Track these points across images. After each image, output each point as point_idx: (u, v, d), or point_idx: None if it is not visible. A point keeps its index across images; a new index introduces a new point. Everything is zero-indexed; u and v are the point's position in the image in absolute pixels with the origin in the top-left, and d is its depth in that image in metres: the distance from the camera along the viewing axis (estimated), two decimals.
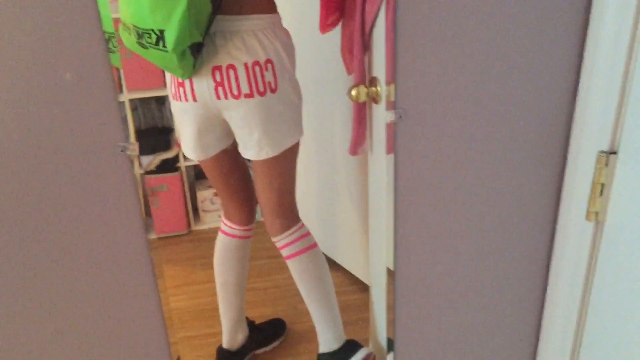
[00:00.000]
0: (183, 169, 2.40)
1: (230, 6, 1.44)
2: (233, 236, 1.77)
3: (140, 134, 2.40)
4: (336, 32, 1.70)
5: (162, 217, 2.44)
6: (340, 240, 2.21)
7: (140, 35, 1.34)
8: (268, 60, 1.44)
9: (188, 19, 1.30)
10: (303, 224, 1.72)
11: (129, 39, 1.39)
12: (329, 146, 2.07)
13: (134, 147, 0.92)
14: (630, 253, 0.93)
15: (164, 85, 2.22)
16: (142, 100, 2.36)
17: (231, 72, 1.44)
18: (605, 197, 0.97)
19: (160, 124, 2.39)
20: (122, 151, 0.93)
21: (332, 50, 1.75)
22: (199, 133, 1.57)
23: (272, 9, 1.50)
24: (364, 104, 1.69)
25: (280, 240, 1.69)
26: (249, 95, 1.45)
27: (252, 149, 1.54)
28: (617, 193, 0.95)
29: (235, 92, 1.45)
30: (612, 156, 0.94)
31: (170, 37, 1.30)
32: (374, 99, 1.52)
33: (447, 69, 0.97)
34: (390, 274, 1.22)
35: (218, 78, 1.45)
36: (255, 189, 1.67)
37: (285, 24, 1.61)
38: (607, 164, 0.94)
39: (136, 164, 0.98)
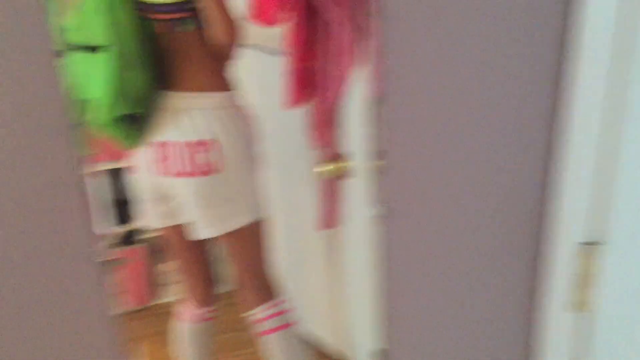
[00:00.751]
0: (144, 241, 2.33)
1: (177, 82, 1.44)
2: (196, 321, 1.71)
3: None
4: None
5: (123, 291, 2.34)
6: (312, 313, 2.16)
7: (81, 107, 1.36)
8: (213, 141, 1.42)
9: (118, 89, 1.32)
10: (283, 300, 1.68)
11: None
12: (297, 221, 2.04)
13: (105, 251, 0.88)
14: (621, 340, 0.93)
15: (119, 157, 2.18)
16: (100, 173, 2.29)
17: (172, 149, 1.42)
18: (593, 286, 0.97)
19: (119, 196, 2.32)
20: (92, 258, 0.88)
21: (297, 125, 1.74)
22: (155, 202, 1.55)
23: (225, 87, 1.49)
24: (333, 179, 1.68)
25: (253, 315, 1.65)
26: (190, 175, 1.43)
27: (197, 228, 1.51)
28: (604, 283, 0.96)
29: (175, 170, 1.44)
30: (596, 247, 0.95)
31: (104, 106, 1.32)
32: (342, 175, 1.52)
33: (434, 164, 0.98)
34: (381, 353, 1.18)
35: (160, 154, 1.43)
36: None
37: (251, 99, 1.60)
38: (591, 255, 0.95)
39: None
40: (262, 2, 1.45)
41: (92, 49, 1.32)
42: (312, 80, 1.66)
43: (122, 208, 2.34)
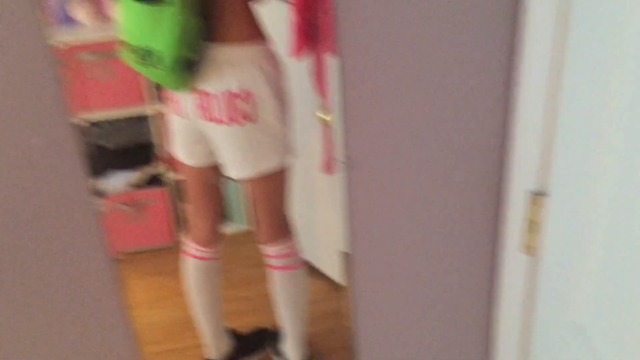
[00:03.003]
0: (170, 183, 2.48)
1: (216, 34, 1.50)
2: (203, 258, 1.82)
3: (126, 150, 2.48)
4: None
5: (150, 230, 2.52)
6: (320, 247, 2.29)
7: (140, 55, 1.45)
8: (247, 93, 1.50)
9: (181, 37, 1.40)
10: (295, 242, 1.79)
11: (131, 58, 1.49)
12: (305, 162, 2.13)
13: (101, 203, 1.00)
14: (565, 282, 1.01)
15: (144, 102, 2.30)
16: (128, 119, 2.44)
17: (211, 98, 1.52)
18: (541, 232, 1.05)
19: (144, 139, 2.47)
20: (90, 207, 1.00)
21: (304, 73, 1.81)
22: (190, 144, 1.67)
23: (259, 39, 1.54)
24: (330, 127, 1.76)
25: (268, 250, 1.77)
26: (226, 123, 1.53)
27: (231, 169, 1.63)
28: (550, 229, 1.03)
29: (214, 117, 1.54)
30: (542, 197, 1.02)
31: (165, 55, 1.41)
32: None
33: (391, 119, 1.05)
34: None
35: (203, 102, 1.53)
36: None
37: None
38: (538, 204, 1.02)
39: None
40: None
41: (159, 1, 1.38)
42: (313, 32, 1.72)
43: (147, 151, 2.49)
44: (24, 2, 0.92)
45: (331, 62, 1.56)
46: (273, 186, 1.68)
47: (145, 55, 1.44)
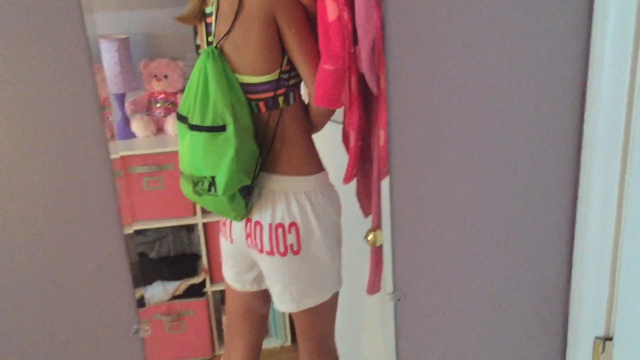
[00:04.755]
0: (209, 294, 2.45)
1: (270, 164, 1.50)
2: None
3: (169, 260, 2.49)
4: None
5: (188, 341, 2.48)
6: None
7: (195, 184, 1.44)
8: (292, 224, 1.47)
9: (236, 164, 1.38)
10: None
11: (187, 188, 1.48)
12: (351, 284, 2.09)
13: (146, 328, 0.99)
14: None
15: (194, 214, 2.34)
16: (173, 228, 2.46)
17: (258, 228, 1.50)
18: None
19: (189, 250, 2.47)
20: (135, 333, 1.00)
21: (348, 194, 1.81)
22: (238, 269, 1.64)
23: (311, 170, 1.52)
24: (380, 247, 1.73)
25: None
26: (270, 253, 1.50)
27: (275, 299, 1.59)
28: None
29: (259, 247, 1.51)
30: (607, 342, 0.96)
31: (220, 182, 1.38)
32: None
33: (444, 252, 1.03)
34: None
35: (248, 229, 1.52)
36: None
37: None
38: (603, 350, 0.96)
39: None
40: (327, 87, 1.48)
41: (213, 128, 1.36)
42: (365, 154, 1.73)
43: (192, 262, 2.50)
44: (92, 118, 0.96)
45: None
46: (317, 320, 1.63)
47: (200, 183, 1.42)
